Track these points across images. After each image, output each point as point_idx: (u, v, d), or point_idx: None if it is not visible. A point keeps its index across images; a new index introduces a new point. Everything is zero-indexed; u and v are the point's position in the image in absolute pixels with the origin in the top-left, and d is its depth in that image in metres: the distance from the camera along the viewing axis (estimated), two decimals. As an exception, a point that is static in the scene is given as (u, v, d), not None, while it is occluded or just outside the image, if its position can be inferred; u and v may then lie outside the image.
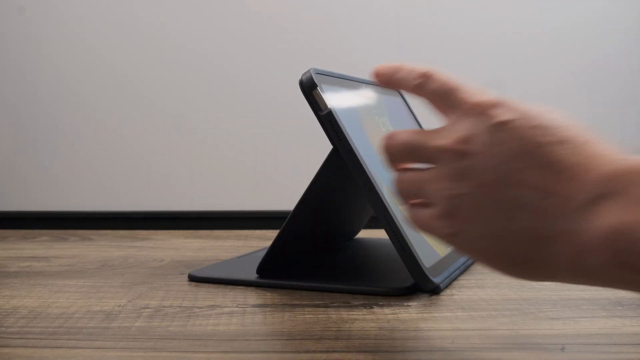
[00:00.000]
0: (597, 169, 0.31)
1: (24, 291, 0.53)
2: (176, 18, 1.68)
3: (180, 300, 0.50)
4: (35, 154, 1.69)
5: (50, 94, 1.68)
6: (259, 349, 0.38)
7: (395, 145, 0.39)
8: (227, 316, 0.45)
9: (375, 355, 0.37)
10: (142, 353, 0.37)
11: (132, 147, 1.69)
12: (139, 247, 0.77)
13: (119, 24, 1.67)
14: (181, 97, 1.69)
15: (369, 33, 1.70)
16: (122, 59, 1.68)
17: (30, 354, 0.37)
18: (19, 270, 0.63)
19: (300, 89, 0.50)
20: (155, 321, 0.44)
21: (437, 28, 1.71)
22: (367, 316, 0.45)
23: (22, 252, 0.74)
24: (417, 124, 0.69)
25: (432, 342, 0.39)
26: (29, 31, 1.66)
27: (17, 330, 0.42)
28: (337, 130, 0.48)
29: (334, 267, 0.61)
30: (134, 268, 0.63)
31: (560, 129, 0.33)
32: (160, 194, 1.70)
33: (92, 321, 0.44)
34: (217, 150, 1.69)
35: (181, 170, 1.70)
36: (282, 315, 0.45)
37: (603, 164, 0.32)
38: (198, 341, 0.39)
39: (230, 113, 1.68)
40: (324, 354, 0.37)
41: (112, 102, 1.68)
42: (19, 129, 1.69)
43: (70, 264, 0.66)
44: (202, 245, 0.79)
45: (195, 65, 1.68)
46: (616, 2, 1.73)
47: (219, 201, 1.67)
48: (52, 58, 1.67)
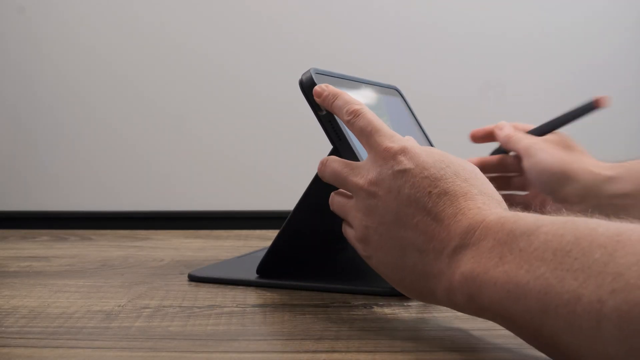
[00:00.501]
0: (465, 221, 0.37)
1: (23, 291, 0.53)
2: (176, 18, 1.68)
3: (180, 300, 0.50)
4: (35, 154, 1.69)
5: (50, 94, 1.68)
6: (259, 349, 0.38)
7: (326, 172, 0.46)
8: (227, 316, 0.45)
9: (375, 355, 0.37)
10: (142, 353, 0.37)
11: (132, 147, 1.69)
12: (139, 247, 0.77)
13: (119, 24, 1.67)
14: (181, 97, 1.69)
15: (368, 33, 1.70)
16: (122, 59, 1.68)
17: (30, 353, 0.37)
18: (18, 270, 0.63)
19: (300, 89, 0.50)
20: (155, 321, 0.44)
21: (437, 28, 1.71)
22: (367, 316, 0.45)
23: (22, 252, 0.73)
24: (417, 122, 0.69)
25: (432, 342, 0.39)
26: (29, 31, 1.66)
27: (17, 330, 0.42)
28: (337, 130, 0.48)
29: (334, 267, 0.61)
30: (134, 268, 0.63)
31: (446, 181, 0.40)
32: (160, 194, 1.70)
33: (92, 321, 0.44)
34: (217, 150, 1.69)
35: (181, 170, 1.70)
36: (282, 315, 0.45)
37: (470, 217, 0.37)
38: (198, 341, 0.39)
39: (231, 113, 1.68)
40: (324, 354, 0.37)
41: (112, 102, 1.68)
42: (19, 129, 1.69)
43: (70, 263, 0.66)
44: (202, 245, 0.79)
45: (195, 65, 1.68)
46: (617, 2, 1.73)
47: (219, 201, 1.67)
48: (52, 58, 1.67)
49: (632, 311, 0.26)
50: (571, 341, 0.29)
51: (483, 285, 0.34)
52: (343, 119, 0.46)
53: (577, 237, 0.30)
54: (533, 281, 0.31)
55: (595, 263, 0.28)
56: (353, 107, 0.45)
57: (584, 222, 0.31)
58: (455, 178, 0.40)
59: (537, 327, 0.31)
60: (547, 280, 0.30)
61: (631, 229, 0.29)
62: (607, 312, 0.27)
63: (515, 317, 0.32)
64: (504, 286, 0.32)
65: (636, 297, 0.26)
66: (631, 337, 0.26)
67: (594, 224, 0.31)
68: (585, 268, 0.28)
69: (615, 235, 0.29)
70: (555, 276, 0.30)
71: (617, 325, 0.26)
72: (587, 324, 0.28)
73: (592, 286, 0.28)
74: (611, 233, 0.29)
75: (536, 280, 0.31)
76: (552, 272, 0.30)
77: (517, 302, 0.32)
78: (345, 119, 0.46)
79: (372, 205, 0.42)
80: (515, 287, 0.32)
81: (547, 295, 0.30)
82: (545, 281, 0.30)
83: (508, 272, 0.32)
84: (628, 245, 0.28)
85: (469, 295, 0.35)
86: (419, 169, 0.40)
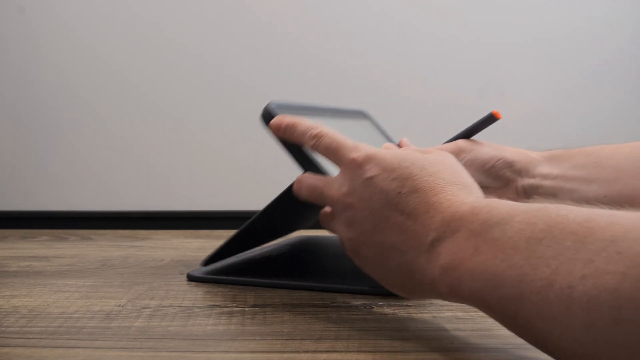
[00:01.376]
0: (437, 215, 0.38)
1: (23, 291, 0.53)
2: (176, 18, 1.68)
3: (180, 300, 0.50)
4: (35, 154, 1.69)
5: (50, 94, 1.68)
6: (259, 349, 0.38)
7: (303, 190, 0.47)
8: (227, 316, 0.45)
9: (375, 355, 0.37)
10: (142, 353, 0.37)
11: (132, 147, 1.69)
12: (139, 246, 0.77)
13: (119, 24, 1.67)
14: (181, 97, 1.69)
15: (369, 37, 1.70)
16: (122, 59, 1.68)
17: (30, 353, 0.37)
18: (18, 269, 0.63)
19: (263, 122, 0.49)
20: (155, 321, 0.44)
21: (439, 31, 1.71)
22: (367, 316, 0.45)
23: (22, 252, 0.73)
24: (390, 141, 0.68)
25: (432, 342, 0.39)
26: (29, 31, 1.66)
27: (17, 330, 0.42)
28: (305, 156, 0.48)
29: (334, 267, 0.61)
30: (134, 268, 0.63)
31: (413, 179, 0.40)
32: (160, 194, 1.69)
33: (92, 321, 0.44)
34: (217, 150, 1.69)
35: (181, 170, 1.70)
36: (282, 315, 0.45)
37: (442, 211, 0.38)
38: (198, 341, 0.39)
39: (231, 113, 1.68)
40: (324, 354, 0.37)
41: (112, 102, 1.68)
42: (19, 129, 1.69)
43: (70, 263, 0.66)
44: (202, 245, 0.79)
45: (195, 66, 1.68)
46: (617, 5, 1.73)
47: (219, 201, 1.67)
48: (52, 58, 1.67)
49: (601, 296, 0.26)
50: (544, 327, 0.29)
51: (462, 276, 0.35)
52: (307, 144, 0.47)
53: (549, 225, 0.31)
54: (508, 270, 0.31)
55: (567, 250, 0.29)
56: (314, 132, 0.46)
57: (555, 209, 0.32)
58: (422, 174, 0.41)
59: (513, 314, 0.31)
60: (522, 268, 0.31)
61: (600, 214, 0.29)
62: (576, 297, 0.27)
63: (493, 305, 0.33)
64: (481, 276, 0.33)
65: (605, 282, 0.26)
66: (599, 322, 0.26)
67: (565, 210, 0.31)
68: (558, 255, 0.29)
69: (585, 221, 0.29)
70: (529, 264, 0.30)
71: (586, 310, 0.27)
72: (558, 309, 0.28)
73: (563, 272, 0.28)
74: (581, 220, 0.30)
75: (511, 269, 0.31)
76: (526, 261, 0.31)
77: (494, 291, 0.32)
78: (309, 144, 0.47)
79: (351, 217, 0.43)
80: (492, 276, 0.32)
81: (522, 283, 0.30)
82: (519, 269, 0.31)
83: (484, 262, 0.33)
84: (597, 231, 0.28)
85: (450, 286, 0.36)
86: (387, 173, 0.41)
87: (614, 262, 0.26)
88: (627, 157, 0.59)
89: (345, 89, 1.67)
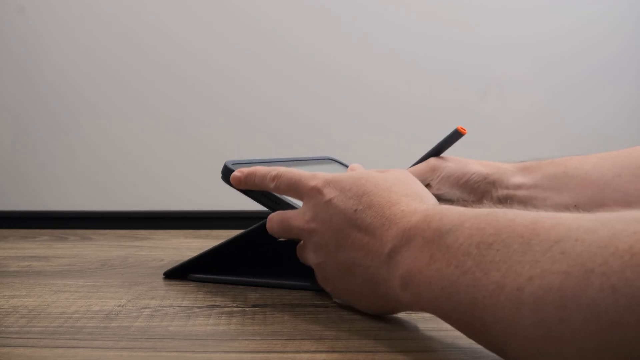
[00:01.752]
0: (393, 227, 0.39)
1: (23, 291, 0.53)
2: (176, 19, 1.68)
3: (180, 300, 0.50)
4: (35, 154, 1.69)
5: (50, 94, 1.68)
6: (259, 349, 0.38)
7: (274, 227, 0.48)
8: (227, 316, 0.45)
9: (375, 355, 0.37)
10: (142, 353, 0.37)
11: (132, 147, 1.69)
12: (138, 246, 0.77)
13: (119, 24, 1.67)
14: (181, 97, 1.69)
15: (369, 38, 1.70)
16: (122, 59, 1.68)
17: (30, 353, 0.37)
18: (18, 269, 0.63)
19: (224, 180, 0.52)
20: (155, 321, 0.44)
21: (439, 32, 1.71)
22: (367, 316, 0.45)
23: (22, 252, 0.73)
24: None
25: (432, 342, 0.39)
26: (29, 31, 1.66)
27: (16, 330, 0.42)
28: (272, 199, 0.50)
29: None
30: (134, 268, 0.63)
31: (368, 196, 0.42)
32: (160, 194, 1.70)
33: (91, 321, 0.44)
34: (217, 150, 1.69)
35: (181, 170, 1.70)
36: (282, 315, 0.45)
37: (397, 222, 0.39)
38: (198, 341, 0.39)
39: (230, 114, 1.68)
40: (324, 354, 0.37)
41: (112, 103, 1.68)
42: (19, 129, 1.69)
43: (70, 263, 0.66)
44: (202, 245, 0.79)
45: (195, 66, 1.68)
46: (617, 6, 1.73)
47: (219, 201, 1.67)
48: (52, 58, 1.67)
49: (546, 296, 0.27)
50: (498, 330, 0.30)
51: (420, 285, 0.35)
52: (269, 188, 0.49)
53: (497, 230, 0.31)
54: (462, 276, 0.32)
55: (515, 253, 0.29)
56: (272, 173, 0.49)
57: (503, 213, 0.32)
58: (376, 190, 0.42)
59: (469, 320, 0.32)
60: (474, 274, 0.31)
61: (545, 216, 0.30)
62: (525, 298, 0.28)
63: (451, 312, 0.33)
64: (438, 284, 0.34)
65: (550, 282, 0.27)
66: (546, 321, 0.27)
67: (512, 214, 0.32)
68: (507, 258, 0.30)
69: (531, 224, 0.30)
70: (480, 269, 0.31)
71: (534, 310, 0.27)
72: (509, 311, 0.29)
73: (512, 275, 0.29)
74: (528, 222, 0.30)
75: (464, 275, 0.32)
76: (478, 266, 0.31)
77: (450, 298, 0.33)
78: (271, 187, 0.49)
79: (316, 242, 0.44)
80: (448, 284, 0.33)
81: (475, 289, 0.31)
82: (472, 275, 0.31)
83: (440, 269, 0.34)
84: (542, 233, 0.29)
85: (411, 296, 0.37)
86: (343, 193, 0.43)
87: (557, 262, 0.27)
88: (595, 166, 0.60)
89: (346, 91, 1.67)
